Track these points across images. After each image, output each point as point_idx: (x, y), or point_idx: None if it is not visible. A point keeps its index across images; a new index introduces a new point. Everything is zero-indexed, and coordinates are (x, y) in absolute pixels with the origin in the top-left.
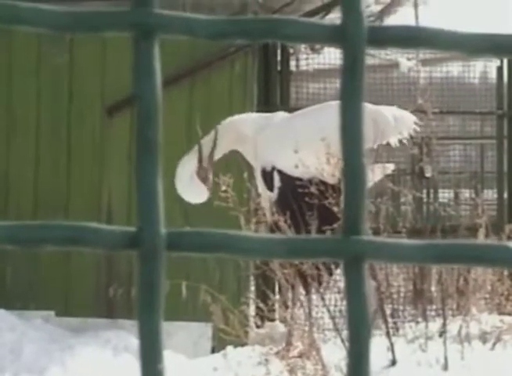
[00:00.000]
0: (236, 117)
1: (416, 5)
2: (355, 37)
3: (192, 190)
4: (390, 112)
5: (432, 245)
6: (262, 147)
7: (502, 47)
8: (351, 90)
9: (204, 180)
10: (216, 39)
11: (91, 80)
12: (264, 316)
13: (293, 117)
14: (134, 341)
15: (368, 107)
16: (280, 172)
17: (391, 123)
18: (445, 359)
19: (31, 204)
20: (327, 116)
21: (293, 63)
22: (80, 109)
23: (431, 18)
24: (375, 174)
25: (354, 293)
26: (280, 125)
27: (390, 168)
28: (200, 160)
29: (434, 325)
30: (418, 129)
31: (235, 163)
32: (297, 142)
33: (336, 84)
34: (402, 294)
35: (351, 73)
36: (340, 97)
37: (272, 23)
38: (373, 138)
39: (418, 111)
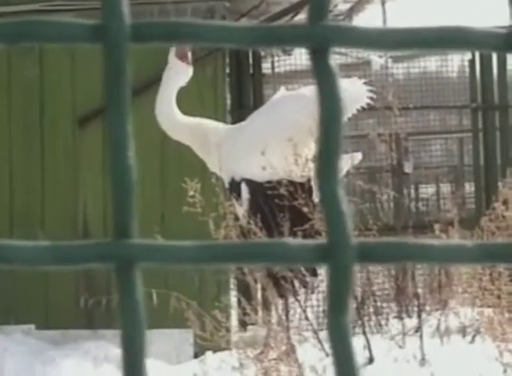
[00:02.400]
0: (207, 123)
1: (383, 2)
2: (117, 35)
3: (176, 73)
4: (344, 85)
5: (206, 246)
6: (227, 156)
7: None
8: (117, 93)
9: (184, 57)
10: None
11: (62, 91)
12: (245, 320)
13: (253, 119)
14: (114, 351)
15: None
16: (248, 182)
17: (345, 96)
18: (422, 354)
19: (7, 217)
20: (288, 112)
21: (265, 66)
22: (51, 120)
23: (399, 15)
24: (343, 164)
25: (126, 298)
26: (242, 129)
27: (358, 157)
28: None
29: (414, 321)
30: (372, 101)
31: (202, 167)
32: (262, 144)
33: (312, 84)
34: (384, 292)
35: (116, 74)
36: (106, 101)
37: (27, 25)
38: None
39: (386, 108)
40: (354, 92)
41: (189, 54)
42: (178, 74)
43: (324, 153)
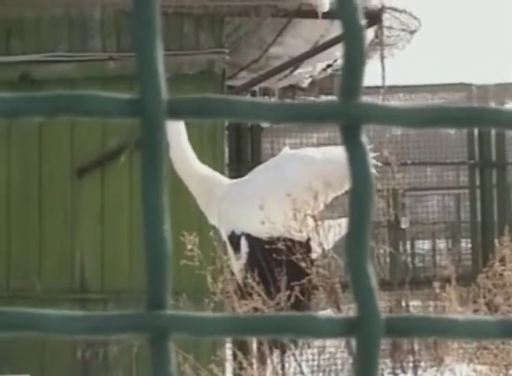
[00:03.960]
0: (215, 175)
1: (382, 58)
2: (154, 110)
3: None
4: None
5: (234, 318)
6: (227, 210)
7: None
8: (153, 166)
9: None
10: None
11: (61, 142)
12: (241, 374)
13: (254, 174)
14: None
15: (327, 149)
16: (247, 236)
17: (341, 174)
18: None
19: (4, 268)
20: (289, 169)
21: None
22: (50, 171)
23: (398, 69)
24: (342, 228)
25: (160, 370)
26: (242, 184)
27: None
28: None
29: None
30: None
31: (201, 221)
32: (261, 199)
33: (311, 139)
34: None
35: (152, 147)
36: (141, 174)
37: (65, 99)
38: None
39: (384, 164)
40: None
41: None
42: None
43: (354, 228)
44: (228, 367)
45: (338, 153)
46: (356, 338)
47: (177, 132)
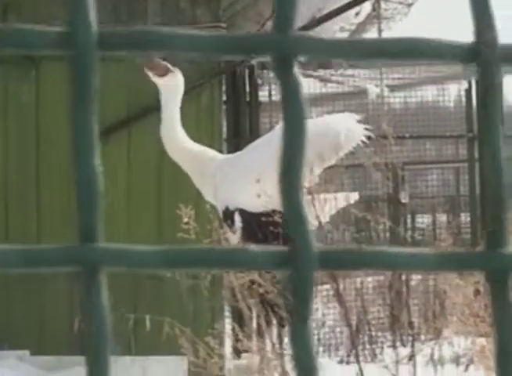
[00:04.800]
0: (207, 152)
1: (379, 31)
2: (85, 42)
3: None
4: (341, 122)
5: (171, 251)
6: (221, 186)
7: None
8: (82, 96)
9: (163, 71)
10: None
11: (58, 118)
12: (239, 348)
13: (248, 150)
14: None
15: (318, 120)
16: (241, 212)
17: (342, 133)
18: None
19: (1, 242)
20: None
21: (262, 94)
22: (47, 147)
23: None
24: (338, 202)
25: (92, 303)
26: (236, 159)
27: (354, 197)
28: (150, 64)
29: (409, 350)
30: (367, 139)
31: (197, 194)
32: (257, 172)
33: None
34: (379, 321)
35: (83, 79)
36: (70, 106)
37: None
38: (329, 152)
39: (382, 137)
40: (350, 130)
41: (163, 63)
42: (171, 89)
43: (287, 159)
44: (227, 341)
45: (329, 123)
46: (290, 271)
47: (170, 111)
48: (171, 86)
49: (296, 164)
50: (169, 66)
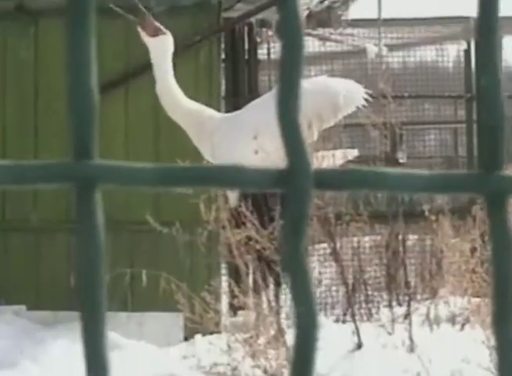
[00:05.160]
0: (205, 110)
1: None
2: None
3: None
4: (341, 84)
5: (166, 168)
6: (219, 144)
7: None
8: (80, 20)
9: (154, 31)
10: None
11: (57, 73)
12: (235, 304)
13: (248, 107)
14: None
15: (318, 80)
16: None
17: (342, 94)
18: (411, 340)
19: None
20: None
21: (261, 52)
22: (46, 102)
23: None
24: (336, 159)
25: (86, 220)
26: (234, 117)
27: (352, 153)
28: (143, 23)
29: (405, 309)
30: (366, 103)
31: (195, 149)
32: (255, 128)
33: (308, 71)
34: (376, 280)
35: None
36: (67, 29)
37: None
38: (327, 112)
39: (381, 96)
40: (351, 94)
41: (156, 23)
42: (161, 49)
43: (285, 78)
44: (224, 298)
45: (329, 83)
46: (287, 190)
47: (163, 70)
48: (160, 47)
49: (293, 83)
50: (161, 27)
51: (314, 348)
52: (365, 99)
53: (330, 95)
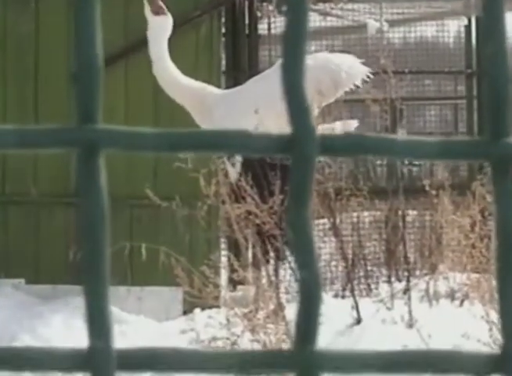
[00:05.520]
0: (204, 87)
1: None
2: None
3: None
4: (342, 60)
5: (168, 133)
6: (220, 119)
7: None
8: None
9: (159, 10)
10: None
11: (57, 48)
12: (234, 279)
13: (249, 83)
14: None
15: (319, 55)
16: None
17: (343, 70)
18: (410, 316)
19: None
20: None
21: (261, 27)
22: (46, 77)
23: None
24: (336, 131)
25: (89, 183)
26: (235, 93)
27: (353, 124)
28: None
29: (404, 285)
30: (368, 79)
31: (195, 124)
32: (256, 103)
33: (309, 46)
34: (375, 255)
35: None
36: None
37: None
38: (328, 87)
39: (381, 71)
40: (352, 70)
41: (161, 3)
42: (160, 28)
43: (290, 46)
44: (223, 273)
45: (330, 59)
46: (291, 156)
47: (158, 49)
48: (160, 26)
49: (298, 47)
50: (164, 8)
51: (318, 311)
52: (366, 75)
53: (332, 70)
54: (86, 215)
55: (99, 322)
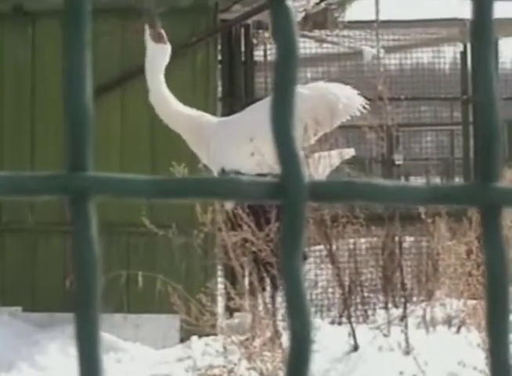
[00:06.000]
0: (201, 115)
1: None
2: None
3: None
4: (340, 90)
5: (158, 180)
6: (217, 147)
7: None
8: (77, 33)
9: (159, 38)
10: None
11: (53, 74)
12: (231, 306)
13: (245, 111)
14: (101, 336)
15: (318, 85)
16: (237, 173)
17: (340, 101)
18: (407, 343)
19: None
20: None
21: (257, 53)
22: (42, 103)
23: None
24: (332, 158)
25: (80, 230)
26: (231, 121)
27: (349, 153)
28: (152, 25)
29: (401, 311)
30: (364, 110)
31: (191, 152)
32: (252, 131)
33: (304, 73)
34: (372, 282)
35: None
36: (64, 42)
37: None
38: (325, 117)
39: (377, 98)
40: (348, 100)
41: (162, 31)
42: (159, 56)
43: (279, 90)
44: (220, 300)
45: (329, 89)
46: (281, 202)
47: (155, 77)
48: (159, 53)
49: (288, 99)
50: (164, 36)
51: (308, 361)
52: (363, 107)
53: (329, 100)
54: (78, 260)
55: (89, 367)
